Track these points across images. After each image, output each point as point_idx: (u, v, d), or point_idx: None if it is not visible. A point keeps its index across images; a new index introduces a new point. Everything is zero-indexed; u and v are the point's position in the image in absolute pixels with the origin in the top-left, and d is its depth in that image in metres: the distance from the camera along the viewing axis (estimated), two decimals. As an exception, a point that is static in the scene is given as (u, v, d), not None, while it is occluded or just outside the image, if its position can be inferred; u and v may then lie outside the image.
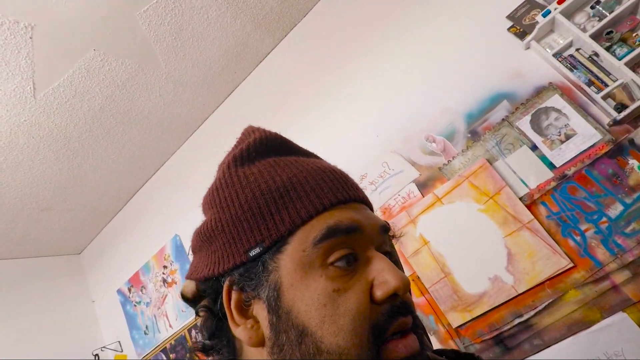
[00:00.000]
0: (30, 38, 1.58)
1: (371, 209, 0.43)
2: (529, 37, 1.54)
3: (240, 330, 0.36)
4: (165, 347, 2.50)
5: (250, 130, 0.48)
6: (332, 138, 2.07)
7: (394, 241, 1.71)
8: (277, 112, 2.29)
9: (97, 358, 2.70)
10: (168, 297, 2.56)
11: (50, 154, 2.16)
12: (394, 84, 1.92)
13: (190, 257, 0.46)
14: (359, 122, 2.01)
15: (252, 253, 0.36)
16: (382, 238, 0.40)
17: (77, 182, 2.46)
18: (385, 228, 0.40)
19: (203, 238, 0.40)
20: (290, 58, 2.31)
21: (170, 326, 2.51)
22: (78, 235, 2.98)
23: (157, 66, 2.02)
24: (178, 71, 2.12)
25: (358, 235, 0.36)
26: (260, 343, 0.35)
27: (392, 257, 0.40)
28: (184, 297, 0.46)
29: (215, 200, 0.41)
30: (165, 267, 2.60)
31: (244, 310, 0.37)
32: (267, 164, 0.41)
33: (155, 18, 1.79)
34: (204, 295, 0.41)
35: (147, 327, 2.64)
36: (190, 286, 0.43)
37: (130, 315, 2.76)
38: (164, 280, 2.60)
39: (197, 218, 0.46)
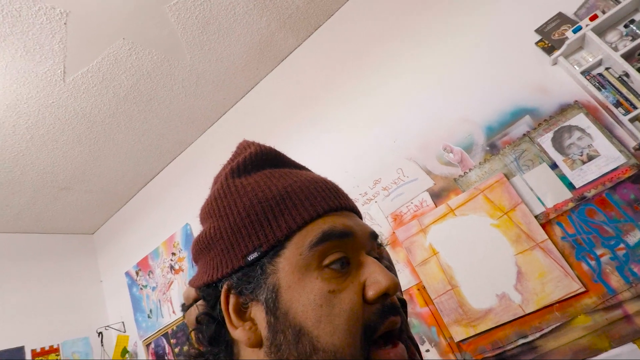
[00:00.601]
0: (65, 24, 1.64)
1: (360, 217, 0.45)
2: (557, 53, 1.51)
3: (238, 332, 0.37)
4: (167, 332, 2.54)
5: (245, 145, 0.50)
6: (349, 141, 2.07)
7: (397, 250, 1.69)
8: (295, 111, 2.31)
9: (100, 336, 2.77)
10: (174, 284, 2.60)
11: (73, 136, 2.23)
12: (416, 91, 1.91)
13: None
14: (377, 126, 2.00)
15: (250, 258, 0.37)
16: (372, 244, 0.42)
17: (96, 165, 2.52)
18: (374, 235, 0.42)
19: (202, 246, 0.42)
20: (313, 58, 2.32)
21: (173, 312, 2.55)
22: (93, 216, 3.07)
23: (182, 58, 2.06)
24: (202, 64, 2.15)
25: (350, 240, 0.38)
26: (258, 344, 0.37)
27: (381, 262, 0.42)
28: (184, 306, 0.48)
29: (213, 209, 0.42)
30: (173, 254, 2.65)
31: (242, 312, 0.38)
32: (263, 175, 0.43)
33: (184, 11, 1.82)
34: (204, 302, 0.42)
35: (151, 310, 2.69)
36: (190, 293, 0.45)
37: (136, 298, 2.82)
38: (172, 267, 2.64)
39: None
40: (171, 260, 2.66)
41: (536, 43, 1.60)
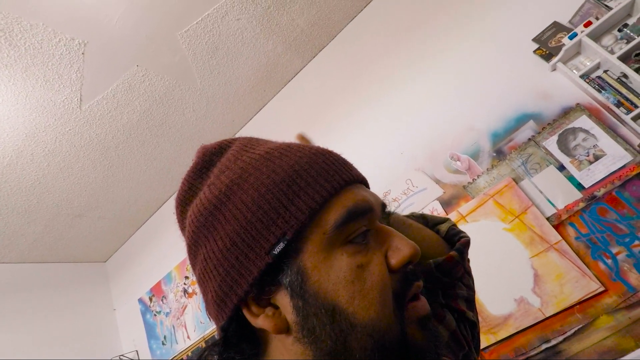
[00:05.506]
0: (82, 54, 1.73)
1: (368, 186, 0.44)
2: (555, 59, 1.56)
3: (261, 320, 0.35)
4: (182, 358, 2.50)
5: (206, 146, 0.45)
6: (356, 156, 2.09)
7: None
8: (301, 130, 2.35)
9: (114, 366, 2.73)
10: (188, 308, 2.58)
11: (88, 163, 2.29)
12: (420, 103, 1.97)
13: None
14: (384, 139, 2.04)
15: (276, 251, 0.34)
16: (382, 214, 0.41)
17: (109, 191, 2.57)
18: (384, 206, 0.42)
19: (211, 266, 0.36)
20: (318, 78, 2.40)
21: (188, 337, 2.52)
22: (106, 243, 3.09)
23: (193, 82, 2.14)
24: (211, 88, 2.23)
25: (371, 214, 0.38)
26: (285, 329, 0.35)
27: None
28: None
29: (215, 217, 0.37)
30: (187, 277, 2.64)
31: (260, 299, 0.36)
32: (260, 158, 0.39)
33: (195, 38, 1.92)
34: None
35: (165, 337, 2.66)
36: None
37: (150, 325, 2.79)
38: (185, 291, 2.63)
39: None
40: (184, 284, 2.65)
41: (534, 51, 1.66)
